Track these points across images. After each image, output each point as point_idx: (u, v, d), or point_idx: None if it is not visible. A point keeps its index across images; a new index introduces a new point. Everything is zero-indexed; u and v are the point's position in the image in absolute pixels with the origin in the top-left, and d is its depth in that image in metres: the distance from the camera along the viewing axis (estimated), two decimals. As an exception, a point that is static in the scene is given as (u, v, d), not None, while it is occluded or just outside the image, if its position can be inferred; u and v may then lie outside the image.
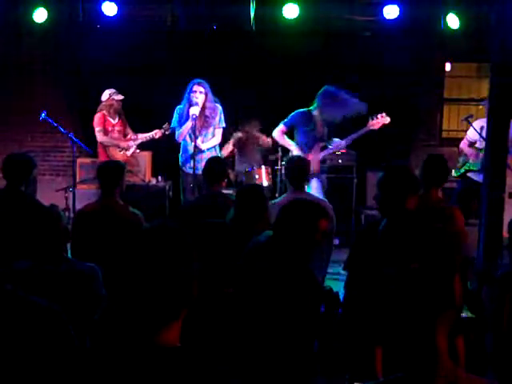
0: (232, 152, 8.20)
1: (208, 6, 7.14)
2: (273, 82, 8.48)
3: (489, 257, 5.19)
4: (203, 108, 6.64)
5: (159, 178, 8.22)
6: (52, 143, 9.08)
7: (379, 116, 6.77)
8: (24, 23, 7.37)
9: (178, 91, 7.27)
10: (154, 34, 8.37)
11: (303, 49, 8.29)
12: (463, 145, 7.13)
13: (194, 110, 6.50)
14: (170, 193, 8.10)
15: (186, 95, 6.68)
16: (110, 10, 7.11)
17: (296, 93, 8.65)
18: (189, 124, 6.60)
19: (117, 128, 7.57)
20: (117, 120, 7.60)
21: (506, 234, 5.30)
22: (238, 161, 8.16)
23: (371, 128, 6.78)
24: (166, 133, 7.23)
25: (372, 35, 7.59)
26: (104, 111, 7.46)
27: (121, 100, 7.54)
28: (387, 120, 6.78)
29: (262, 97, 8.52)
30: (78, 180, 7.40)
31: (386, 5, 7.00)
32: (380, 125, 6.78)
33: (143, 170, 8.10)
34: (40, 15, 7.15)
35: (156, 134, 7.43)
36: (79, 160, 7.82)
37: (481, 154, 6.75)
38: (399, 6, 6.96)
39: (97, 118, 7.42)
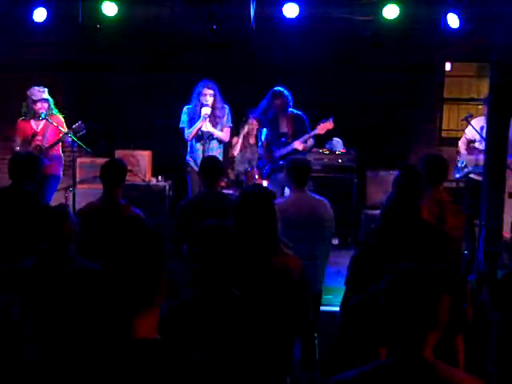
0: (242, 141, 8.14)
1: (208, 6, 7.13)
2: (273, 82, 8.47)
3: (489, 257, 5.19)
4: (212, 108, 6.78)
5: (159, 177, 8.22)
6: (52, 143, 9.06)
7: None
8: (24, 23, 7.35)
9: (178, 90, 7.28)
10: (154, 34, 8.37)
11: (303, 49, 8.29)
12: (462, 145, 7.12)
13: (207, 110, 6.69)
14: (170, 193, 8.10)
15: (195, 96, 6.79)
16: (109, 9, 7.11)
17: (296, 93, 8.66)
18: (200, 124, 6.73)
19: (38, 137, 6.87)
20: (41, 126, 6.92)
21: (507, 234, 5.29)
22: (240, 158, 8.15)
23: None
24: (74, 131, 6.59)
25: (372, 35, 7.58)
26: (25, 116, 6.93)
27: (40, 100, 6.79)
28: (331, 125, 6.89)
29: (262, 97, 8.51)
30: (77, 180, 7.39)
31: (385, 5, 7.00)
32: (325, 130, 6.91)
33: (143, 170, 8.10)
34: (40, 15, 7.13)
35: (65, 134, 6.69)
36: (79, 160, 7.81)
37: (480, 159, 6.75)
38: (399, 6, 6.95)
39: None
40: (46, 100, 6.88)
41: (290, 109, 6.90)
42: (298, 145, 6.80)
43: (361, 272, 3.28)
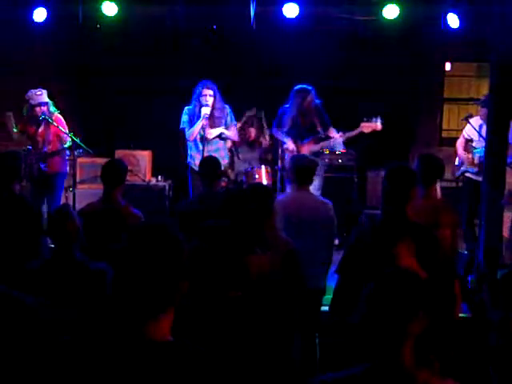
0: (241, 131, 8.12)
1: (208, 6, 7.13)
2: (273, 82, 8.48)
3: (489, 257, 5.19)
4: (212, 109, 6.76)
5: (159, 177, 8.23)
6: (52, 143, 9.06)
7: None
8: (24, 23, 7.35)
9: (179, 91, 7.28)
10: (154, 34, 8.37)
11: (303, 49, 8.28)
12: (459, 145, 7.12)
13: (206, 110, 6.67)
14: (170, 193, 8.10)
15: (195, 96, 6.78)
16: (109, 9, 7.11)
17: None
18: (200, 123, 6.71)
19: (39, 139, 6.86)
20: (41, 129, 6.85)
21: (506, 234, 5.27)
22: (240, 158, 8.15)
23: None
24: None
25: (372, 35, 7.58)
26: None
27: (38, 104, 6.74)
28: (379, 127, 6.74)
29: (262, 97, 8.52)
30: (77, 180, 7.40)
31: (385, 5, 7.00)
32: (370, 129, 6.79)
33: (143, 170, 8.11)
34: (40, 15, 7.14)
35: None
36: (79, 160, 7.80)
37: (476, 158, 6.74)
38: (399, 6, 6.96)
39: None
40: (45, 103, 6.81)
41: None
42: (339, 138, 6.83)
43: (354, 264, 3.29)
